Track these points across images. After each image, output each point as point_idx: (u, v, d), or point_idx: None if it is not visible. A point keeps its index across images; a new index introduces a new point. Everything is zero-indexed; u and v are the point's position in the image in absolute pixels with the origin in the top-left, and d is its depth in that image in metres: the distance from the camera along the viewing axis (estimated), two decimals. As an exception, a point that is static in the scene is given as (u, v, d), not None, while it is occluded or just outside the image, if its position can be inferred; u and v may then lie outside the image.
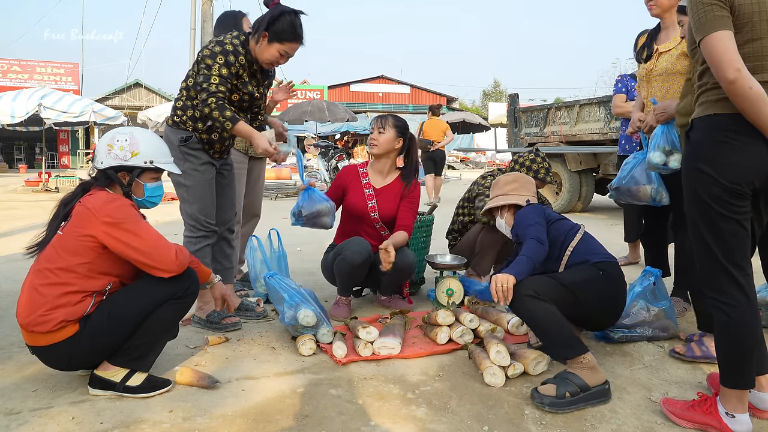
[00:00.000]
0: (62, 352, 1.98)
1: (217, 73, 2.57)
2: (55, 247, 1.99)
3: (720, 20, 1.66)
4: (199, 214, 2.74)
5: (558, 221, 2.57)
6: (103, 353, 2.05)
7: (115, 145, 2.12)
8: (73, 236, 1.98)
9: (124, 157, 2.11)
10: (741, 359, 1.77)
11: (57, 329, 1.93)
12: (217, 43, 2.62)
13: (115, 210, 1.99)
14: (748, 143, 1.68)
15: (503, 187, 2.78)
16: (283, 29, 2.61)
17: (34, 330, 1.94)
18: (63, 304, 1.93)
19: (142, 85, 26.73)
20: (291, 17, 2.62)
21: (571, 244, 2.43)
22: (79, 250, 1.97)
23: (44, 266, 1.98)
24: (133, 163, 2.12)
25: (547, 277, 2.27)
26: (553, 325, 2.12)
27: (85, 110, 12.23)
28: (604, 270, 2.33)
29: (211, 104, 2.54)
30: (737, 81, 1.61)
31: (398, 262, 2.98)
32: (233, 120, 2.56)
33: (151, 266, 2.01)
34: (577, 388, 2.03)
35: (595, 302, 2.30)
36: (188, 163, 2.70)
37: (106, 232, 1.96)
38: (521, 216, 2.56)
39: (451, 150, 25.39)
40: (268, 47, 2.64)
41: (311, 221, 2.97)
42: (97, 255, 1.99)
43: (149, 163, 2.15)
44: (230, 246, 3.02)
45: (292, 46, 2.67)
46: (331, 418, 1.94)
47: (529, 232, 2.39)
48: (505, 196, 2.74)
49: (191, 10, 13.10)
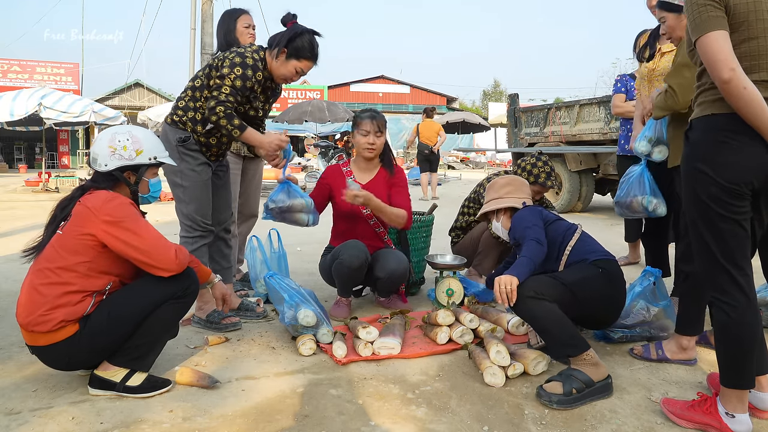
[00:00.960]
0: (62, 352, 1.98)
1: (230, 83, 2.60)
2: (55, 247, 1.99)
3: (715, 20, 1.67)
4: (196, 214, 2.74)
5: (555, 222, 2.57)
6: (103, 353, 2.05)
7: (117, 146, 2.11)
8: (73, 235, 1.98)
9: (129, 156, 2.12)
10: (741, 359, 1.77)
11: (57, 329, 1.93)
12: (238, 54, 2.65)
13: (115, 209, 1.99)
14: (747, 143, 1.68)
15: (499, 190, 2.77)
16: (303, 47, 2.68)
17: (34, 330, 1.94)
18: (63, 303, 1.93)
19: (142, 85, 26.73)
20: (310, 36, 2.71)
21: (569, 244, 2.43)
22: (79, 249, 1.97)
23: (44, 266, 1.98)
24: (140, 162, 2.14)
25: (547, 276, 2.27)
26: (555, 325, 2.13)
27: (85, 110, 12.24)
28: (603, 268, 2.33)
29: (219, 113, 2.57)
30: (732, 81, 1.62)
31: (393, 268, 2.99)
32: (241, 128, 2.61)
33: (151, 265, 2.01)
34: (582, 384, 2.05)
35: (595, 300, 2.30)
36: (185, 163, 2.71)
37: (106, 231, 1.96)
38: (518, 219, 2.55)
39: (451, 150, 25.40)
40: (286, 63, 2.70)
41: (282, 215, 2.94)
42: (98, 254, 1.99)
43: (153, 159, 2.18)
44: (227, 246, 3.02)
45: (308, 64, 2.75)
46: (331, 418, 1.94)
47: (528, 234, 2.38)
48: (500, 200, 2.73)
49: (191, 10, 13.09)
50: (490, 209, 2.76)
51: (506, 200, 2.71)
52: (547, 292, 2.15)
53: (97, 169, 2.13)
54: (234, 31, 3.38)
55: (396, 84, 31.75)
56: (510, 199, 2.71)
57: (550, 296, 2.14)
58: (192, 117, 2.70)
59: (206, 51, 11.23)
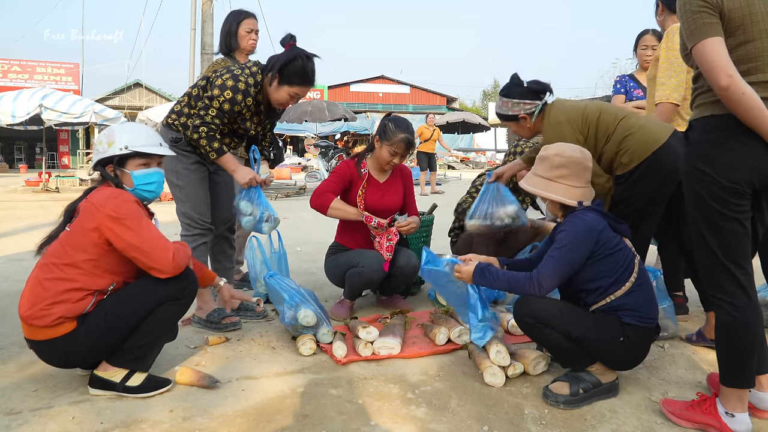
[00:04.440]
0: (60, 349, 1.99)
1: (217, 105, 2.63)
2: (62, 243, 2.01)
3: (710, 27, 1.68)
4: (193, 212, 2.77)
5: (612, 255, 2.05)
6: (101, 352, 2.06)
7: (97, 143, 2.16)
8: (80, 232, 1.99)
9: (103, 150, 2.12)
10: (741, 359, 1.77)
11: (55, 324, 1.93)
12: (232, 77, 2.64)
13: (120, 205, 2.00)
14: (747, 143, 1.69)
15: (551, 170, 2.18)
16: (294, 73, 2.65)
17: (33, 323, 1.94)
18: (64, 300, 1.94)
19: (142, 85, 26.73)
20: (303, 61, 2.65)
21: (615, 293, 2.04)
22: (85, 246, 1.98)
23: (50, 261, 1.99)
24: (110, 153, 2.10)
25: (556, 312, 2.05)
26: (555, 347, 2.12)
27: (86, 111, 12.25)
28: (628, 337, 2.01)
29: (201, 133, 2.61)
30: (730, 87, 1.63)
31: (403, 265, 3.00)
32: (219, 152, 2.65)
33: (148, 265, 2.01)
34: (589, 385, 2.05)
35: (598, 357, 2.10)
36: (179, 162, 2.75)
37: (109, 227, 1.97)
38: (570, 229, 2.06)
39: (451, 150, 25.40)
40: (279, 89, 2.68)
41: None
42: (103, 252, 1.99)
43: (124, 148, 2.09)
44: (231, 246, 3.03)
45: (302, 89, 2.72)
46: (331, 417, 1.94)
47: (552, 264, 2.02)
48: (551, 184, 2.17)
49: (191, 10, 13.09)
50: (537, 194, 2.22)
51: (557, 191, 2.16)
52: (549, 323, 2.04)
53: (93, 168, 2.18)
54: (235, 35, 3.37)
55: (396, 84, 31.73)
56: (562, 189, 2.15)
57: (549, 325, 2.04)
58: (183, 122, 2.74)
59: (206, 51, 11.24)
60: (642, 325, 2.03)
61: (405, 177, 3.28)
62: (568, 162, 2.16)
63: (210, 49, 11.09)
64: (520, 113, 2.69)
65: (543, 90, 2.69)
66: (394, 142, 2.98)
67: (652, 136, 2.47)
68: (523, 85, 2.71)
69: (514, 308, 2.14)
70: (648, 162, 2.44)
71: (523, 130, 2.80)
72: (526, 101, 2.67)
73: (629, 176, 2.48)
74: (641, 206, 2.52)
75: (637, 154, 2.45)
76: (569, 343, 2.04)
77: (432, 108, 29.91)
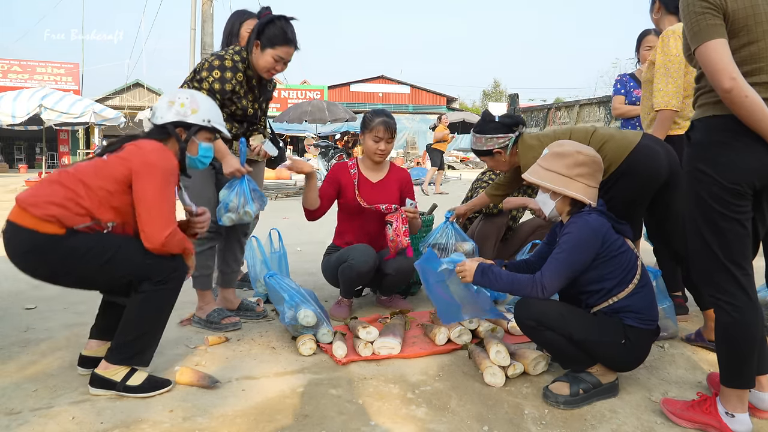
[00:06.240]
0: (38, 249, 1.94)
1: (207, 87, 2.63)
2: (93, 165, 2.04)
3: (713, 29, 1.68)
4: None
5: (616, 257, 2.04)
6: (67, 278, 2.03)
7: (176, 101, 2.21)
8: (115, 163, 2.03)
9: (184, 113, 2.19)
10: (742, 359, 1.78)
11: (45, 219, 1.91)
12: (217, 57, 2.68)
13: (162, 159, 2.05)
14: (749, 144, 1.69)
15: (571, 167, 2.11)
16: (274, 34, 2.66)
17: (27, 209, 1.92)
18: (64, 205, 1.93)
19: (142, 85, 26.72)
20: (281, 23, 2.68)
21: (617, 295, 2.04)
22: (109, 176, 2.00)
23: (73, 172, 2.02)
24: (193, 121, 2.20)
25: (558, 314, 2.05)
26: (556, 349, 2.12)
27: (86, 111, 12.28)
28: (630, 339, 2.02)
29: None
30: (733, 90, 1.63)
31: (402, 266, 3.00)
32: None
33: (142, 226, 2.02)
34: (590, 385, 2.05)
35: (599, 359, 2.10)
36: None
37: (138, 171, 2.00)
38: (575, 231, 2.03)
39: (451, 150, 25.41)
40: (262, 55, 2.69)
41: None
42: (120, 190, 2.01)
43: (207, 122, 2.23)
44: (242, 250, 3.03)
45: (285, 50, 2.70)
46: (331, 417, 1.94)
47: (556, 267, 2.01)
48: (570, 182, 2.10)
49: (191, 10, 13.10)
50: (555, 189, 2.13)
51: (577, 189, 2.10)
52: (550, 326, 2.04)
53: (154, 122, 2.21)
54: (237, 35, 3.37)
55: (396, 84, 31.71)
56: (581, 188, 2.09)
57: (550, 328, 2.04)
58: None
59: (206, 51, 11.25)
60: (643, 327, 2.04)
61: (403, 179, 3.28)
62: (590, 161, 2.12)
63: (210, 49, 11.09)
64: (494, 148, 2.83)
65: (515, 123, 2.82)
66: (373, 127, 3.09)
67: (625, 140, 2.54)
68: (494, 120, 2.83)
69: (515, 310, 2.14)
70: (626, 163, 2.49)
71: (499, 164, 2.92)
72: (499, 135, 2.81)
73: (608, 180, 2.49)
74: (622, 209, 2.42)
75: (615, 158, 2.50)
76: (571, 346, 2.04)
77: (432, 108, 29.93)
